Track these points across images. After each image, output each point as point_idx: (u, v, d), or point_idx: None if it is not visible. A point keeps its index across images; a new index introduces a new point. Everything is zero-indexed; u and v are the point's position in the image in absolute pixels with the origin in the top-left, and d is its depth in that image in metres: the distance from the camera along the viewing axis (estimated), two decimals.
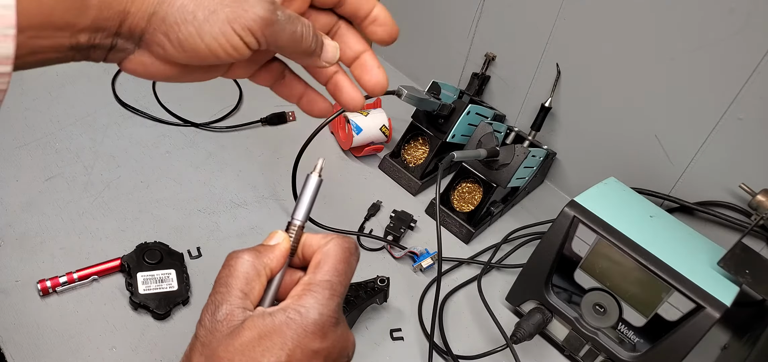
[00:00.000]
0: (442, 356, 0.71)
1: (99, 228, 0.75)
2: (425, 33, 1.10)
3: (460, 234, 0.87)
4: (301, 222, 0.40)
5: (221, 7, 0.33)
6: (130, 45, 0.34)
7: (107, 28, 0.33)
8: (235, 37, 0.33)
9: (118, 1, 0.32)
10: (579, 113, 0.93)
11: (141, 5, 0.32)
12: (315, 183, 0.40)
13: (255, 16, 0.33)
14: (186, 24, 0.33)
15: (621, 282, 0.66)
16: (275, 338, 0.34)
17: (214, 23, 0.33)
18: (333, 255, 0.38)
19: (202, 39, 0.33)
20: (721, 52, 0.74)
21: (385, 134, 0.95)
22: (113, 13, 0.32)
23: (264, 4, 0.34)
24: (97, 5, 0.31)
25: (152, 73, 0.35)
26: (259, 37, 0.34)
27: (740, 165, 0.78)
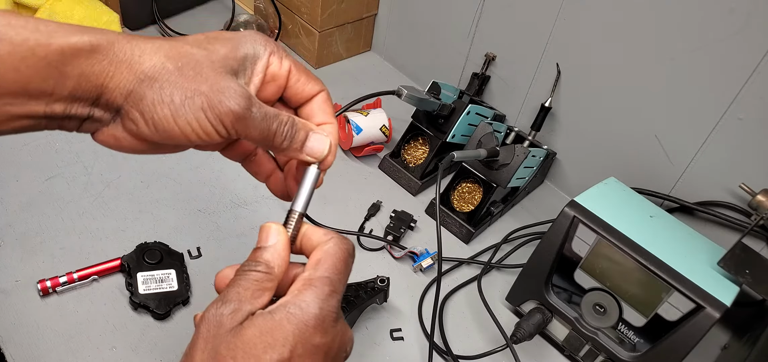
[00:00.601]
0: (442, 356, 0.71)
1: (99, 228, 0.75)
2: (425, 33, 1.10)
3: (460, 234, 0.87)
4: (301, 211, 0.40)
5: (198, 94, 0.34)
6: (106, 116, 0.35)
7: (84, 100, 0.33)
8: (207, 125, 0.34)
9: (96, 75, 0.33)
10: (579, 113, 0.93)
11: (119, 81, 0.33)
12: (315, 174, 0.40)
13: (228, 109, 0.34)
14: (162, 105, 0.34)
15: (621, 282, 0.66)
16: (277, 333, 0.34)
17: (190, 109, 0.34)
18: (333, 253, 0.38)
19: (176, 122, 0.34)
20: (721, 52, 0.74)
21: (385, 134, 0.95)
22: (91, 86, 0.33)
23: (239, 98, 0.35)
24: (76, 77, 0.32)
25: (123, 146, 0.36)
26: (230, 129, 0.35)
27: (740, 165, 0.78)
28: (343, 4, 1.09)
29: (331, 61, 1.17)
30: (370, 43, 1.22)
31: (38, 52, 0.31)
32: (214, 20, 1.17)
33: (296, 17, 1.12)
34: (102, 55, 0.33)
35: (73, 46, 0.32)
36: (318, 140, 0.39)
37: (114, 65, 0.33)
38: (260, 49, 0.38)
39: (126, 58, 0.33)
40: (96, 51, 0.32)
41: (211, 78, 0.34)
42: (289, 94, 0.40)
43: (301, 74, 0.40)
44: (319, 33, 1.09)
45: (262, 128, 0.36)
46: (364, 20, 1.16)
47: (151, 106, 0.34)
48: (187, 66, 0.34)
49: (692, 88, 0.78)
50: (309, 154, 0.39)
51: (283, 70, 0.39)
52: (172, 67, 0.34)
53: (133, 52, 0.33)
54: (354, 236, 0.83)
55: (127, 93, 0.33)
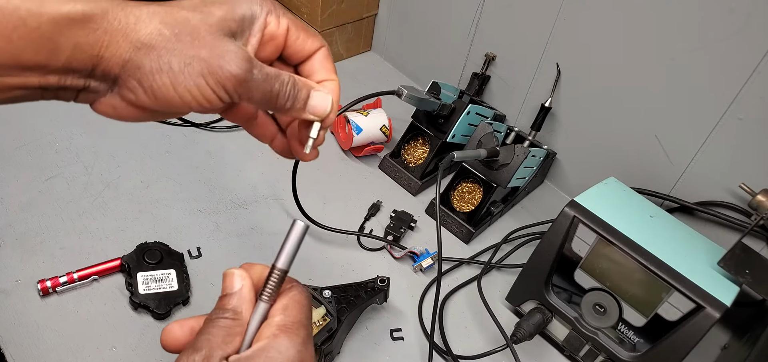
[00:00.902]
0: (442, 356, 0.71)
1: (99, 228, 0.75)
2: (425, 33, 1.10)
3: (460, 234, 0.87)
4: (284, 268, 0.38)
5: (197, 59, 0.33)
6: (102, 87, 0.34)
7: (79, 71, 0.32)
8: (208, 90, 0.34)
9: (91, 45, 0.32)
10: (579, 113, 0.93)
11: (115, 51, 0.32)
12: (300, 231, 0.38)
13: (229, 73, 0.34)
14: (161, 73, 0.33)
15: (621, 282, 0.66)
16: None
17: (189, 75, 0.33)
18: (299, 301, 0.38)
19: (176, 89, 0.33)
20: (721, 52, 0.74)
21: (385, 134, 0.95)
22: (86, 57, 0.32)
23: (239, 62, 0.34)
24: (70, 49, 0.31)
25: (122, 115, 0.35)
26: (232, 93, 0.35)
27: (740, 165, 0.78)
28: (343, 4, 1.09)
29: None
30: (370, 43, 1.22)
31: (30, 22, 0.30)
32: None
33: (296, 17, 1.12)
34: (95, 25, 0.31)
35: (65, 15, 0.31)
36: (320, 98, 0.39)
37: (109, 34, 0.32)
38: (257, 8, 0.37)
39: (121, 27, 0.32)
40: (89, 20, 0.31)
41: (210, 42, 0.34)
42: (289, 52, 0.40)
43: (300, 31, 0.39)
44: (319, 33, 1.09)
45: (264, 90, 0.36)
46: (364, 20, 1.17)
47: (149, 74, 0.33)
48: (183, 31, 0.33)
49: (692, 88, 0.78)
50: (312, 113, 0.39)
51: (281, 28, 0.38)
52: (169, 34, 0.33)
53: (127, 20, 0.32)
54: (354, 236, 0.83)
55: (124, 62, 0.32)
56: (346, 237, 0.83)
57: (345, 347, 0.69)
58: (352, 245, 0.82)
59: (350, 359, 0.68)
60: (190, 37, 0.33)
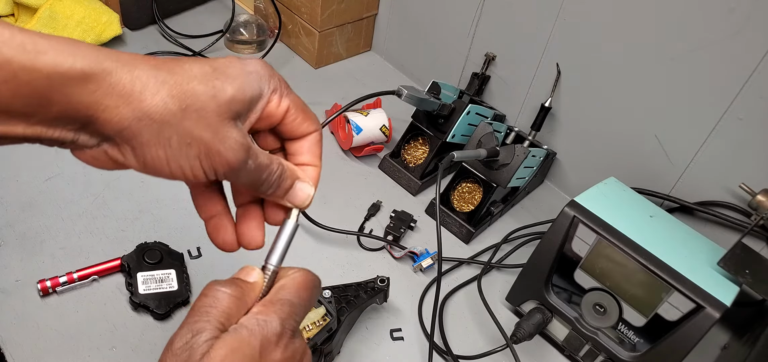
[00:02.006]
0: (442, 356, 0.71)
1: (99, 228, 0.75)
2: (425, 33, 1.10)
3: (460, 234, 0.87)
4: (276, 266, 0.39)
5: (198, 141, 0.32)
6: (91, 142, 0.32)
7: (69, 126, 0.31)
8: (199, 170, 0.33)
9: (87, 106, 0.30)
10: (579, 113, 0.93)
11: (114, 115, 0.30)
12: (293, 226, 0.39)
13: (225, 159, 0.33)
14: (158, 147, 0.32)
15: (621, 282, 0.66)
16: (245, 350, 0.34)
17: (186, 155, 0.32)
18: (297, 281, 0.38)
19: (169, 164, 0.33)
20: (721, 52, 0.74)
21: (385, 134, 0.95)
22: (80, 116, 0.30)
23: (238, 152, 0.33)
24: (64, 104, 0.29)
25: (100, 166, 0.34)
26: (220, 176, 0.34)
27: (740, 165, 0.78)
28: (343, 4, 1.09)
29: (331, 61, 1.17)
30: (370, 43, 1.22)
31: (21, 76, 0.27)
32: (214, 20, 1.17)
33: (296, 17, 1.12)
34: (95, 86, 0.29)
35: (62, 73, 0.28)
36: (303, 190, 0.39)
37: (110, 97, 0.30)
38: (265, 87, 0.36)
39: (125, 92, 0.30)
40: (89, 79, 0.29)
41: (214, 125, 0.32)
42: (282, 129, 0.39)
43: (299, 113, 0.38)
44: (319, 33, 1.09)
45: (253, 178, 0.36)
46: (364, 20, 1.16)
47: (145, 145, 0.31)
48: (191, 108, 0.32)
49: (692, 88, 0.78)
50: (290, 201, 0.39)
51: (280, 110, 0.37)
52: (176, 108, 0.31)
53: (133, 86, 0.30)
54: (354, 236, 0.83)
55: (122, 128, 0.31)
56: (346, 237, 0.83)
57: (345, 347, 0.69)
58: (352, 245, 0.82)
59: (350, 359, 0.68)
60: (196, 114, 0.32)
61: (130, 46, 1.07)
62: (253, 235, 0.40)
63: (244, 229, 0.40)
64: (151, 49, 1.07)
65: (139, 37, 1.10)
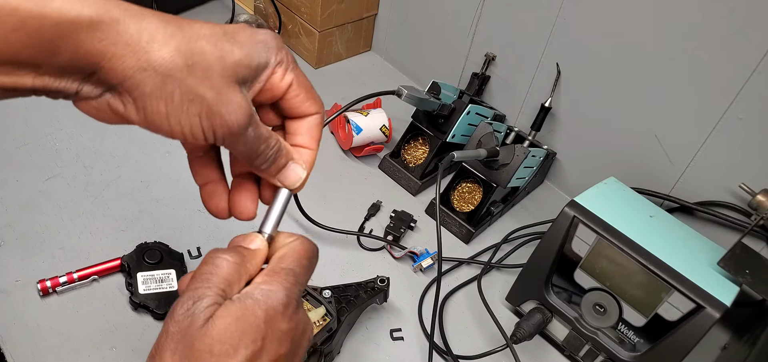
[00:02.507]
0: (442, 356, 0.71)
1: (99, 228, 0.75)
2: (425, 33, 1.10)
3: (460, 234, 0.87)
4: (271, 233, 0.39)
5: (200, 99, 0.32)
6: (94, 92, 0.32)
7: (76, 75, 0.31)
8: (198, 130, 0.33)
9: (93, 54, 0.30)
10: (579, 113, 0.93)
11: (119, 64, 0.30)
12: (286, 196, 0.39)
13: (225, 122, 0.33)
14: (160, 100, 0.31)
15: (621, 282, 0.66)
16: (250, 319, 0.34)
17: (186, 111, 0.32)
18: (297, 250, 0.38)
19: (169, 120, 0.32)
20: (721, 52, 0.74)
21: (385, 134, 0.95)
22: (86, 64, 0.30)
23: (240, 117, 0.33)
24: (71, 52, 0.29)
25: (101, 118, 0.34)
26: (219, 140, 0.34)
27: (740, 165, 0.78)
28: (343, 4, 1.09)
29: (331, 61, 1.17)
30: (370, 43, 1.22)
31: (30, 24, 0.28)
32: (214, 20, 1.16)
33: (296, 17, 1.12)
34: (102, 34, 0.29)
35: (71, 20, 0.28)
36: (294, 171, 0.39)
37: (116, 46, 0.30)
38: (272, 58, 0.35)
39: (132, 41, 0.30)
40: (96, 27, 0.29)
41: (219, 85, 0.32)
42: (284, 105, 0.38)
43: (301, 91, 0.38)
44: (319, 33, 1.09)
45: (250, 148, 0.35)
46: (364, 20, 1.17)
47: (147, 97, 0.31)
48: (197, 65, 0.32)
49: (692, 88, 0.78)
50: (281, 180, 0.39)
51: (283, 83, 0.37)
52: (181, 64, 0.31)
53: (140, 36, 0.30)
54: (354, 236, 0.83)
55: (126, 78, 0.30)
56: (346, 237, 0.83)
57: (345, 347, 0.69)
58: (352, 245, 0.82)
59: (350, 359, 0.68)
60: (202, 72, 0.32)
61: None
62: (246, 206, 0.40)
63: (238, 199, 0.40)
64: None
65: None
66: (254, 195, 0.41)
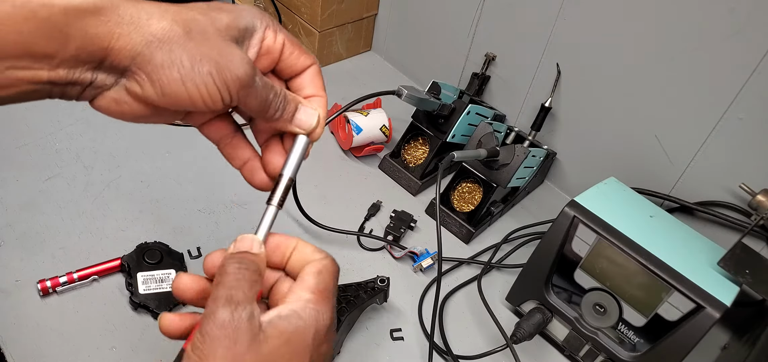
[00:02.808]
0: (442, 356, 0.71)
1: (99, 228, 0.75)
2: (425, 33, 1.10)
3: (460, 234, 0.87)
4: (291, 176, 0.41)
5: (207, 58, 0.34)
6: (109, 80, 0.34)
7: (88, 63, 0.33)
8: (214, 89, 0.34)
9: (101, 37, 0.32)
10: (579, 113, 0.93)
11: (126, 43, 0.32)
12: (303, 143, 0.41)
13: (235, 76, 0.35)
14: (172, 68, 0.33)
15: (621, 282, 0.66)
16: (299, 341, 0.35)
17: (198, 73, 0.34)
18: (331, 271, 0.39)
19: (185, 84, 0.34)
20: (721, 52, 0.74)
21: (385, 134, 0.95)
22: (96, 49, 0.32)
23: (246, 66, 0.35)
24: (80, 38, 0.31)
25: (124, 111, 0.35)
26: (234, 95, 0.36)
27: (740, 165, 0.78)
28: (343, 4, 1.09)
29: (331, 61, 1.17)
30: (370, 43, 1.22)
31: (40, 13, 0.30)
32: None
33: (296, 17, 1.12)
34: (106, 17, 0.32)
35: (76, 6, 0.31)
36: (306, 113, 0.40)
37: (120, 26, 0.32)
38: (257, 22, 0.38)
39: (133, 20, 0.33)
40: (100, 12, 0.32)
41: (219, 44, 0.35)
42: (282, 66, 0.41)
43: (295, 48, 0.40)
44: (319, 33, 1.09)
45: (262, 97, 0.37)
46: (364, 20, 1.17)
47: (159, 68, 0.33)
48: (195, 30, 0.34)
49: (692, 88, 0.78)
50: (297, 126, 0.40)
51: (277, 44, 0.39)
52: (181, 31, 0.34)
53: (139, 15, 0.33)
54: (354, 236, 0.83)
55: (135, 55, 0.33)
56: (346, 237, 0.83)
57: (345, 347, 0.69)
58: (352, 245, 0.82)
59: (350, 359, 0.68)
60: (201, 35, 0.34)
61: None
62: (277, 161, 0.42)
63: (269, 158, 0.42)
64: None
65: None
66: (282, 151, 0.42)
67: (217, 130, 0.42)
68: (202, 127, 0.42)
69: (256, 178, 0.42)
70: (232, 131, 0.43)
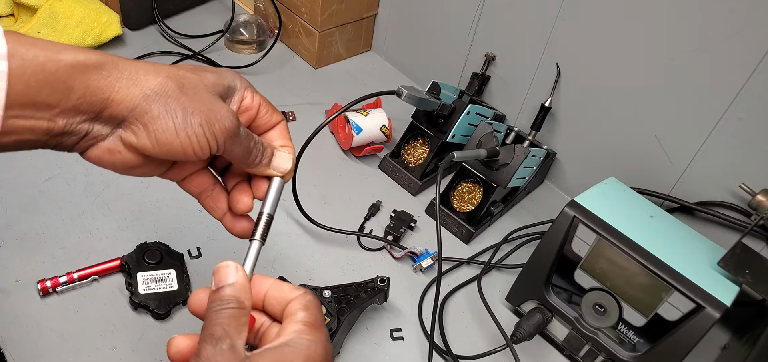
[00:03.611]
0: (442, 356, 0.71)
1: (99, 228, 0.75)
2: (425, 33, 1.10)
3: (460, 234, 0.87)
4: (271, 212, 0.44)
5: (198, 111, 0.38)
6: (105, 130, 0.37)
7: (87, 113, 0.35)
8: (204, 139, 0.38)
9: (102, 89, 0.35)
10: (579, 113, 0.93)
11: (125, 95, 0.36)
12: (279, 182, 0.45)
13: (223, 126, 0.39)
14: (167, 119, 0.37)
15: (621, 282, 0.66)
16: None
17: (190, 124, 0.37)
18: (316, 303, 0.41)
19: (178, 135, 0.37)
20: (721, 52, 0.74)
21: (385, 134, 0.95)
22: (97, 100, 0.35)
23: (232, 119, 0.39)
24: (82, 90, 0.34)
25: (115, 161, 0.38)
26: (221, 145, 0.39)
27: (740, 165, 0.78)
28: (343, 4, 1.09)
29: (331, 61, 1.17)
30: (370, 43, 1.22)
31: (48, 66, 0.33)
32: (214, 20, 1.17)
33: (296, 17, 1.12)
34: (107, 72, 0.35)
35: (82, 62, 0.34)
36: (282, 158, 0.45)
37: (120, 81, 0.35)
38: (237, 82, 0.42)
39: (131, 75, 0.36)
40: (102, 67, 0.35)
41: (208, 99, 0.38)
42: (257, 123, 0.45)
43: (268, 107, 0.45)
44: (319, 33, 1.09)
45: (245, 146, 0.41)
46: (364, 20, 1.17)
47: (156, 119, 0.36)
48: (187, 86, 0.38)
49: (692, 88, 0.78)
50: (275, 169, 0.45)
51: (254, 103, 0.44)
52: (175, 86, 0.37)
53: (136, 71, 0.36)
54: (354, 236, 0.83)
55: (133, 107, 0.36)
56: (346, 237, 0.83)
57: (345, 347, 0.69)
58: (352, 245, 0.82)
59: (350, 359, 0.68)
60: (192, 91, 0.38)
61: (130, 46, 1.07)
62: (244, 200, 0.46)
63: (237, 197, 0.46)
64: (151, 49, 1.07)
65: (139, 37, 1.10)
66: (249, 192, 0.46)
67: (198, 184, 0.46)
68: (182, 182, 0.45)
69: (237, 227, 0.46)
70: (212, 183, 0.46)
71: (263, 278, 0.42)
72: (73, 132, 0.36)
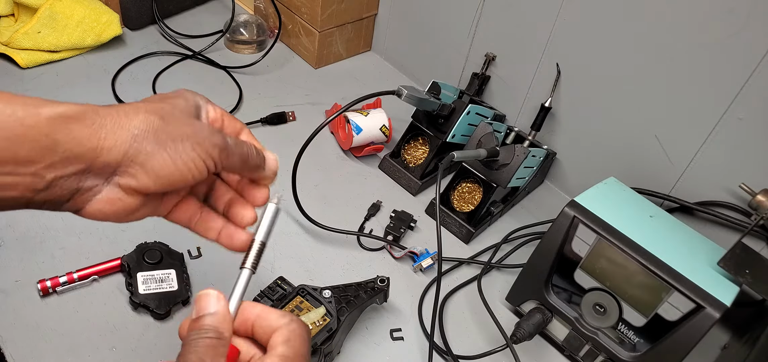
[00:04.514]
0: (442, 356, 0.71)
1: (99, 228, 0.75)
2: (425, 33, 1.10)
3: (460, 234, 0.87)
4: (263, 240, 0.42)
5: (185, 137, 0.37)
6: (99, 181, 0.36)
7: (76, 164, 0.34)
8: (200, 161, 0.38)
9: (88, 137, 0.34)
10: (579, 113, 0.93)
11: (115, 141, 0.35)
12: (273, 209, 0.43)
13: (213, 143, 0.38)
14: (162, 152, 0.36)
15: (621, 282, 0.66)
16: None
17: (184, 151, 0.37)
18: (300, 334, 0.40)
19: (175, 164, 0.37)
20: (721, 52, 0.74)
21: (385, 134, 0.95)
22: (84, 149, 0.34)
23: (216, 133, 0.39)
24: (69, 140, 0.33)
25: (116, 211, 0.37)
26: (217, 161, 0.39)
27: (740, 165, 0.78)
28: (343, 4, 1.09)
29: (331, 61, 1.17)
30: (370, 43, 1.22)
31: (27, 121, 0.32)
32: (214, 20, 1.17)
33: (296, 17, 1.12)
34: (90, 120, 0.34)
35: (61, 114, 0.33)
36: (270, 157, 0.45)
37: (104, 128, 0.35)
38: (200, 100, 0.42)
39: (114, 120, 0.35)
40: (83, 116, 0.34)
41: (188, 122, 0.38)
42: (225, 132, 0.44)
43: (229, 117, 0.45)
44: (319, 33, 1.09)
45: (240, 153, 0.41)
46: (364, 20, 1.17)
47: (151, 156, 0.36)
48: (167, 117, 0.37)
49: (692, 88, 0.78)
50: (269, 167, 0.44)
51: (218, 114, 0.43)
52: (157, 118, 0.36)
53: (118, 114, 0.35)
54: (354, 236, 0.83)
55: (126, 150, 0.35)
56: (346, 237, 0.83)
57: (345, 347, 0.69)
58: (352, 245, 0.82)
59: (350, 359, 0.68)
60: (172, 118, 0.37)
61: (130, 46, 1.07)
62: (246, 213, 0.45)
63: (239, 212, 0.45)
64: (151, 49, 1.07)
65: (139, 37, 1.10)
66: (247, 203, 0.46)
67: (185, 212, 0.44)
68: (170, 215, 0.44)
69: (235, 241, 0.44)
70: (198, 208, 0.45)
71: (253, 305, 0.41)
72: (63, 187, 0.35)
